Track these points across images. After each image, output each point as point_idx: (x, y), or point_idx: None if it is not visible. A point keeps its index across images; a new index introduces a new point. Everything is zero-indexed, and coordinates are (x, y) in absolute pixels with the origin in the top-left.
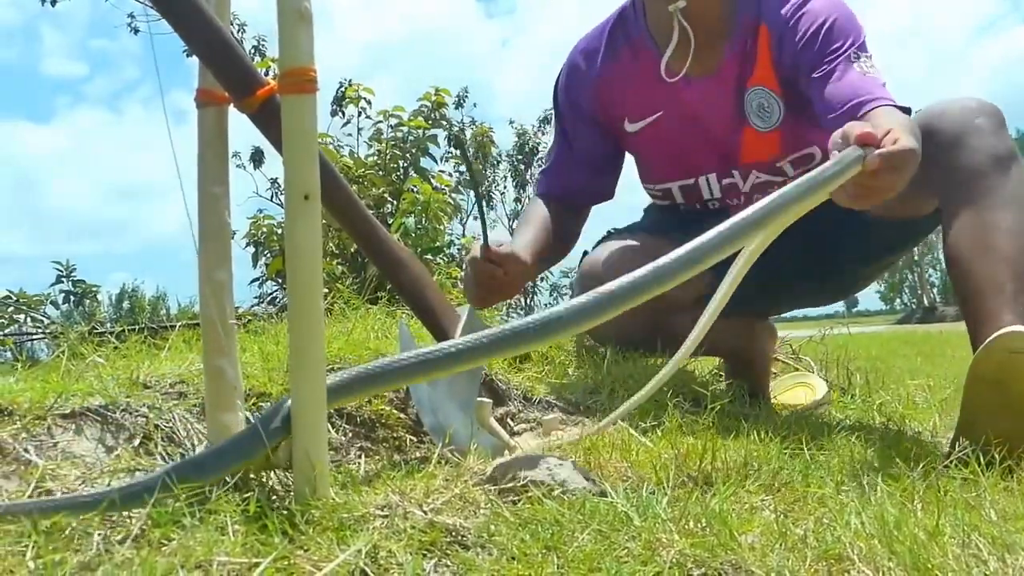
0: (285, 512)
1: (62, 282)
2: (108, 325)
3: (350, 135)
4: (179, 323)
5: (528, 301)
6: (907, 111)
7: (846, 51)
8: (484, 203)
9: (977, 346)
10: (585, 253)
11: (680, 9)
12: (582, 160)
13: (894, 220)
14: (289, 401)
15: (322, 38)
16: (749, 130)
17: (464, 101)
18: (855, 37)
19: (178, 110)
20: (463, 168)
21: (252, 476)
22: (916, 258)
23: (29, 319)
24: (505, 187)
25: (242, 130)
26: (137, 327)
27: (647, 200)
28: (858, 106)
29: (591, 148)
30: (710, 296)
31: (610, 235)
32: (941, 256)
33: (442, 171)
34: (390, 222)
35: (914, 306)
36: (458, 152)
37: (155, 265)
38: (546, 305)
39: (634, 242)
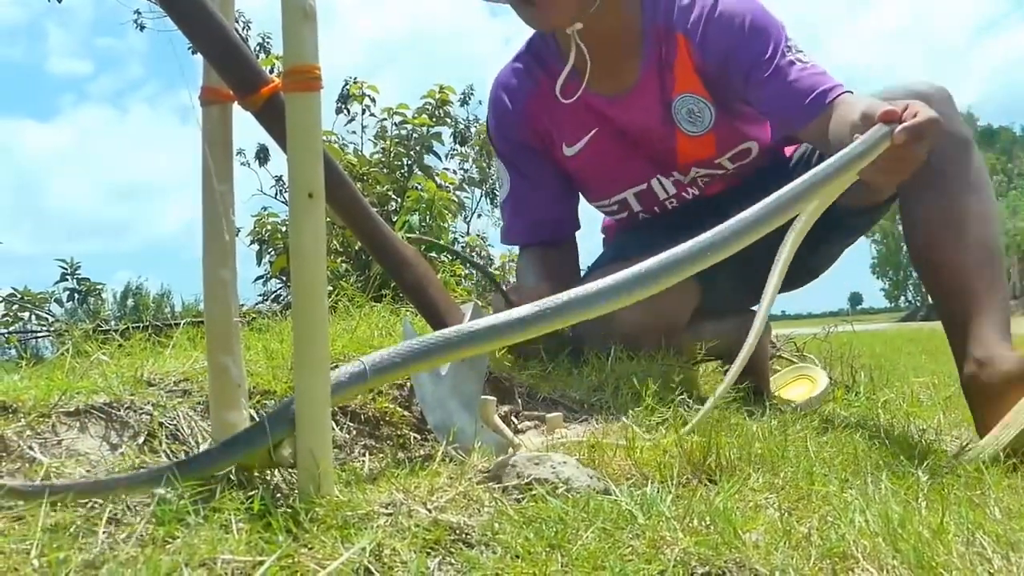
0: (289, 510)
1: (66, 280)
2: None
3: (354, 133)
4: (183, 321)
5: None
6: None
7: (778, 48)
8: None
9: (959, 356)
10: None
11: (578, 31)
12: (545, 191)
13: (857, 207)
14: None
15: (327, 36)
16: (681, 136)
17: (469, 99)
18: (777, 31)
19: (184, 107)
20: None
21: (256, 474)
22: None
23: (33, 317)
24: None
25: (247, 128)
26: (141, 325)
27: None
28: (821, 96)
29: (547, 177)
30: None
31: (593, 269)
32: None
33: (446, 169)
34: (394, 220)
35: (918, 303)
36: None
37: (158, 263)
38: None
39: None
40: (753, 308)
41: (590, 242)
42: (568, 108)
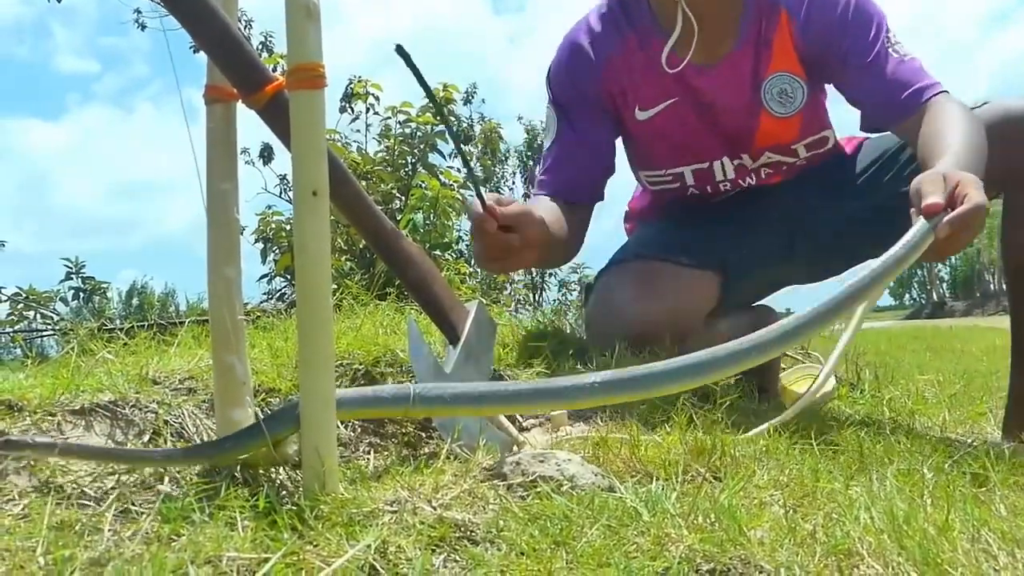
0: (294, 508)
1: (71, 279)
2: (117, 321)
3: (358, 131)
4: (188, 319)
5: (537, 297)
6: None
7: (879, 36)
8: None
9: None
10: (588, 288)
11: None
12: (588, 150)
13: None
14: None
15: (331, 34)
16: (766, 116)
17: (473, 97)
18: (880, 18)
19: (189, 107)
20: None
21: (261, 472)
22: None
23: (39, 316)
24: (514, 183)
25: (251, 126)
26: (146, 323)
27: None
28: (917, 94)
29: (597, 136)
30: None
31: (612, 265)
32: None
33: (450, 167)
34: (399, 218)
35: (923, 301)
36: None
37: (163, 262)
38: (555, 302)
39: (638, 274)
40: (763, 303)
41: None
42: (650, 71)
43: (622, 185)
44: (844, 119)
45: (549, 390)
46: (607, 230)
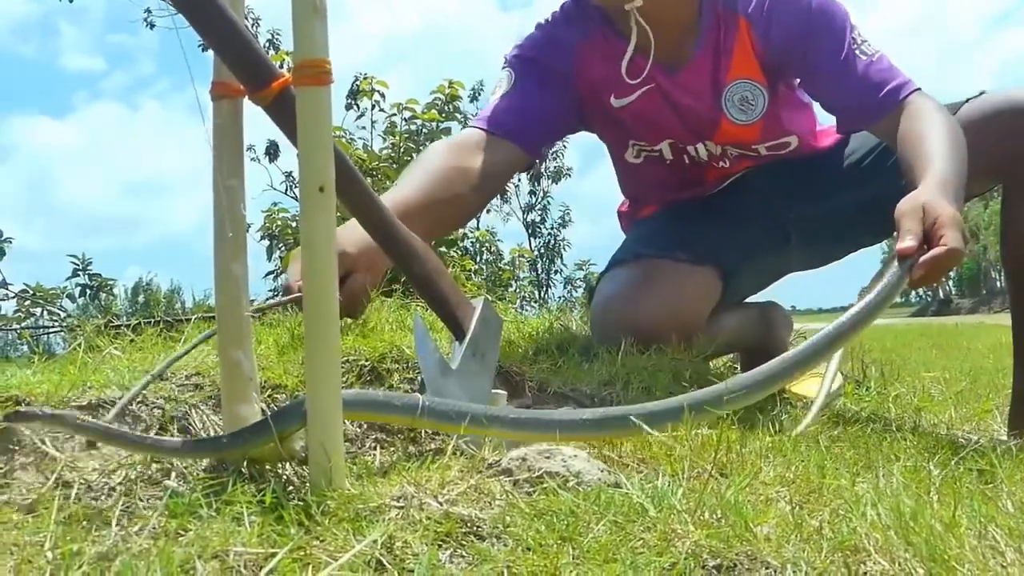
0: (301, 503)
1: (78, 276)
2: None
3: (364, 128)
4: (194, 316)
5: (542, 294)
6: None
7: (844, 39)
8: None
9: None
10: (592, 290)
11: (637, 8)
12: (541, 111)
13: None
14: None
15: (339, 31)
16: (726, 122)
17: (479, 94)
18: (843, 20)
19: (193, 104)
20: None
21: (268, 468)
22: None
23: (45, 312)
24: (519, 179)
25: (256, 124)
26: (153, 320)
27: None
28: (893, 93)
29: (555, 106)
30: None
31: (612, 266)
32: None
33: None
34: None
35: (929, 299)
36: None
37: (169, 260)
38: (560, 298)
39: (640, 273)
40: (771, 300)
41: (595, 233)
42: (618, 65)
43: (615, 186)
44: None
45: (555, 422)
46: (611, 231)
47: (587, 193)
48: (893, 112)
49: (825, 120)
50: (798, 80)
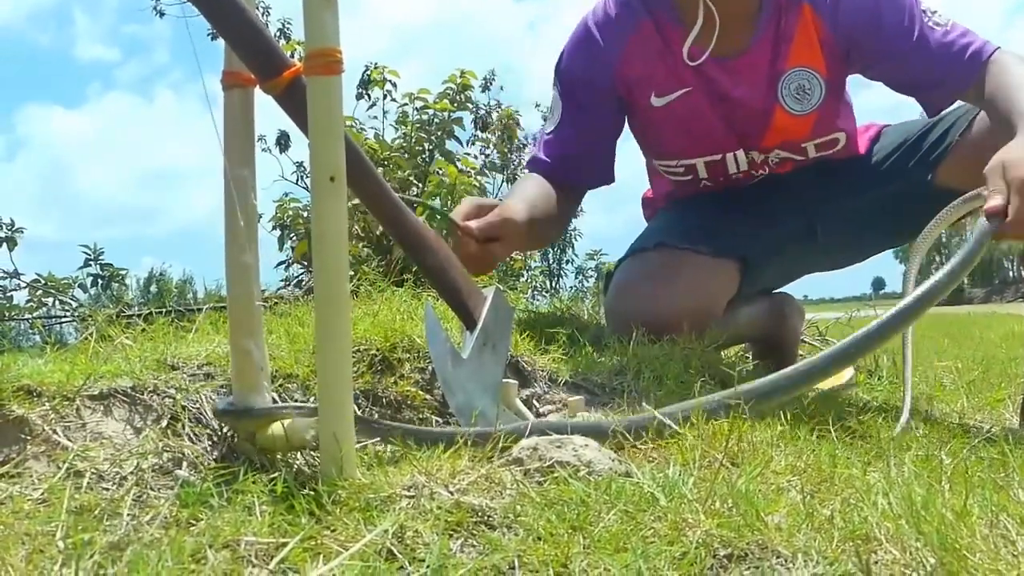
0: (312, 493)
1: (90, 265)
2: (136, 308)
3: (375, 118)
4: (206, 306)
5: (554, 283)
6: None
7: (916, 14)
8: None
9: None
10: (609, 276)
11: None
12: (590, 137)
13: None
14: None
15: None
16: (780, 112)
17: (491, 84)
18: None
19: (210, 94)
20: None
21: (279, 457)
22: (944, 240)
23: (57, 302)
24: None
25: (268, 114)
26: (165, 310)
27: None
28: (973, 59)
29: (602, 125)
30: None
31: (631, 254)
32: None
33: (467, 154)
34: (416, 205)
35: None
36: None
37: (183, 250)
38: (572, 288)
39: (660, 263)
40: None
41: (609, 223)
42: (667, 58)
43: (637, 174)
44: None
45: None
46: (626, 219)
47: None
48: (978, 77)
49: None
50: (868, 66)
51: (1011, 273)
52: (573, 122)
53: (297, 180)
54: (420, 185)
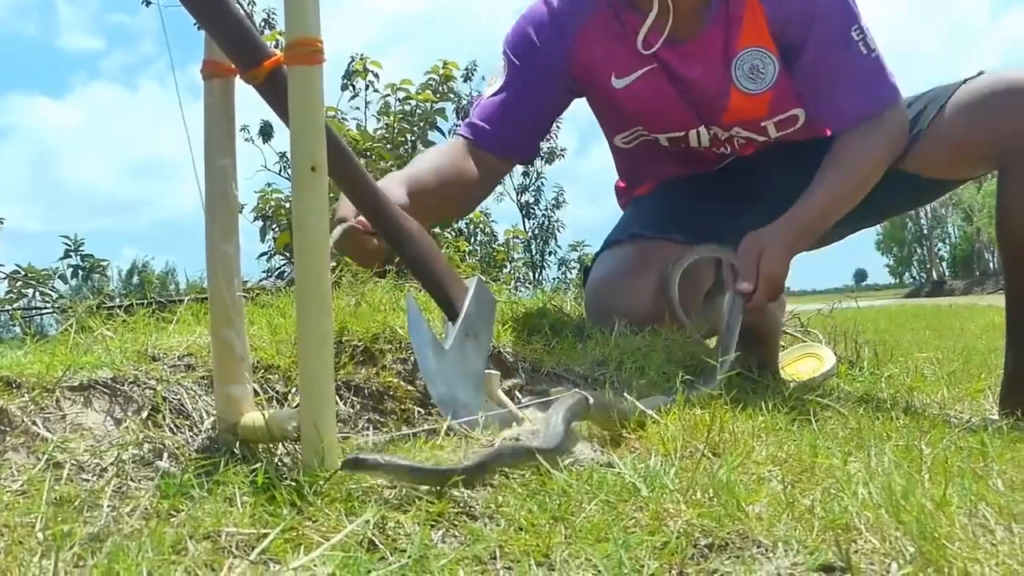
0: (293, 484)
1: (70, 256)
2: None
3: (357, 108)
4: (188, 297)
5: (537, 275)
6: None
7: (847, 28)
8: None
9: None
10: (587, 270)
11: None
12: (531, 114)
13: (937, 180)
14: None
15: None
16: (736, 93)
17: (473, 74)
18: (851, 7)
19: (193, 84)
20: None
21: (260, 448)
22: (926, 231)
23: (37, 294)
24: None
25: (251, 103)
26: (146, 301)
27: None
28: (849, 117)
29: (544, 101)
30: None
31: (607, 246)
32: (954, 226)
33: None
34: None
35: (923, 280)
36: None
37: (167, 241)
38: (554, 280)
39: (635, 255)
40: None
41: (595, 213)
42: (627, 42)
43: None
44: None
45: None
46: (609, 212)
47: (586, 172)
48: (860, 125)
49: None
50: (795, 58)
51: (991, 265)
52: (516, 93)
53: (280, 170)
54: None
